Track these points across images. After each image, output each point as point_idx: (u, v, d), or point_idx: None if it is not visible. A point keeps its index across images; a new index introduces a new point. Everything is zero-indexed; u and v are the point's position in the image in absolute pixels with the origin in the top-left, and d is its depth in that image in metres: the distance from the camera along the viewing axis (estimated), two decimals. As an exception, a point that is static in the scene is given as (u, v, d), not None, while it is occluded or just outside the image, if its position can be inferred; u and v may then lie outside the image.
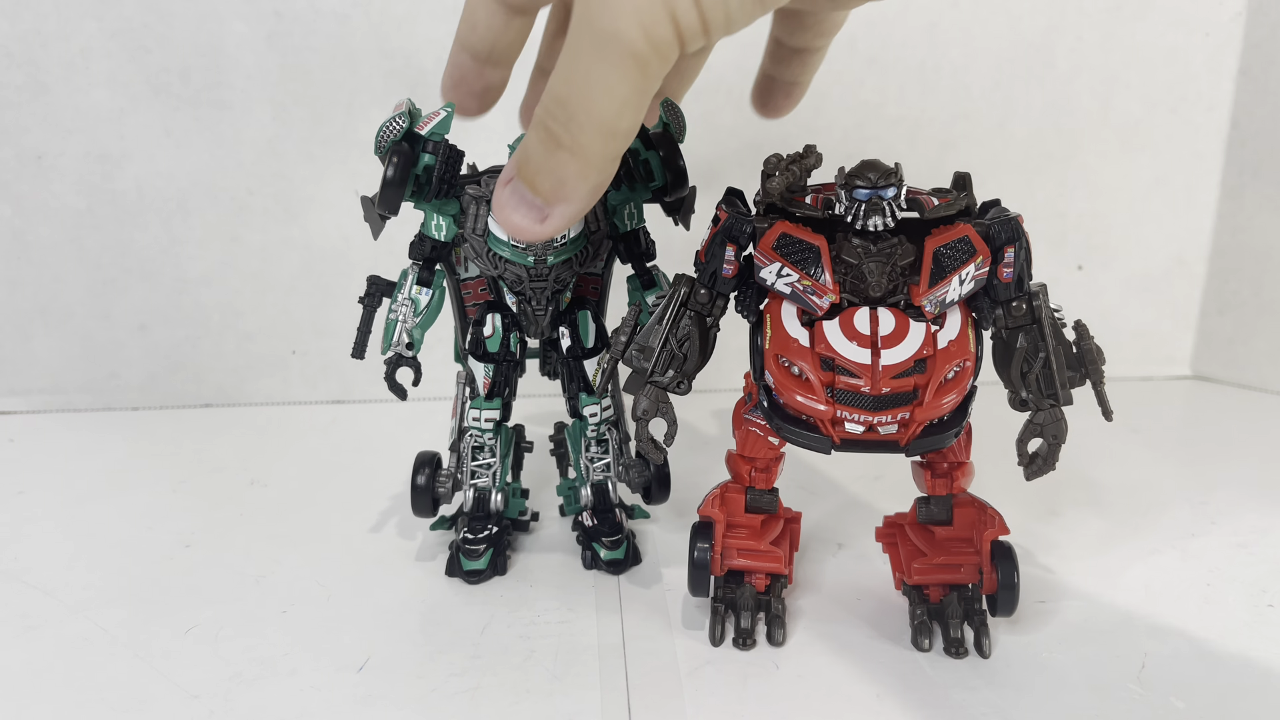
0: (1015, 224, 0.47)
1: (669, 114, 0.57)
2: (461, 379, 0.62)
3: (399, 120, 0.54)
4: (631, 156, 0.56)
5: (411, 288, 0.58)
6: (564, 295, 0.60)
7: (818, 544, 0.64)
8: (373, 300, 0.60)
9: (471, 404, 0.61)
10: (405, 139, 0.54)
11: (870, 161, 0.47)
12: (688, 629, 0.53)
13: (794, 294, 0.47)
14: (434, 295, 0.59)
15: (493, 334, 0.59)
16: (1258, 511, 0.70)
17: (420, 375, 0.59)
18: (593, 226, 0.58)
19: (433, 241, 0.58)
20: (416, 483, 0.61)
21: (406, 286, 0.58)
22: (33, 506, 0.73)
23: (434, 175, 0.55)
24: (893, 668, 0.49)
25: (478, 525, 0.61)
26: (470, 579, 0.59)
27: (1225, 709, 0.46)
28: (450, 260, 0.60)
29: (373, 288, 0.60)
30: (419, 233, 0.58)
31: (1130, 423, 0.89)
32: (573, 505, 0.67)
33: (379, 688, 0.48)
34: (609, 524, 0.62)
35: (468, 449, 0.62)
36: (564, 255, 0.57)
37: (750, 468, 0.54)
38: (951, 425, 0.47)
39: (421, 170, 0.55)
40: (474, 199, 0.57)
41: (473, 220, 0.57)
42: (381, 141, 0.54)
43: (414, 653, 0.51)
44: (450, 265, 0.60)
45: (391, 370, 0.59)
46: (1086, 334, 0.50)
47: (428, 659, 0.50)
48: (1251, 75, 1.05)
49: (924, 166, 0.60)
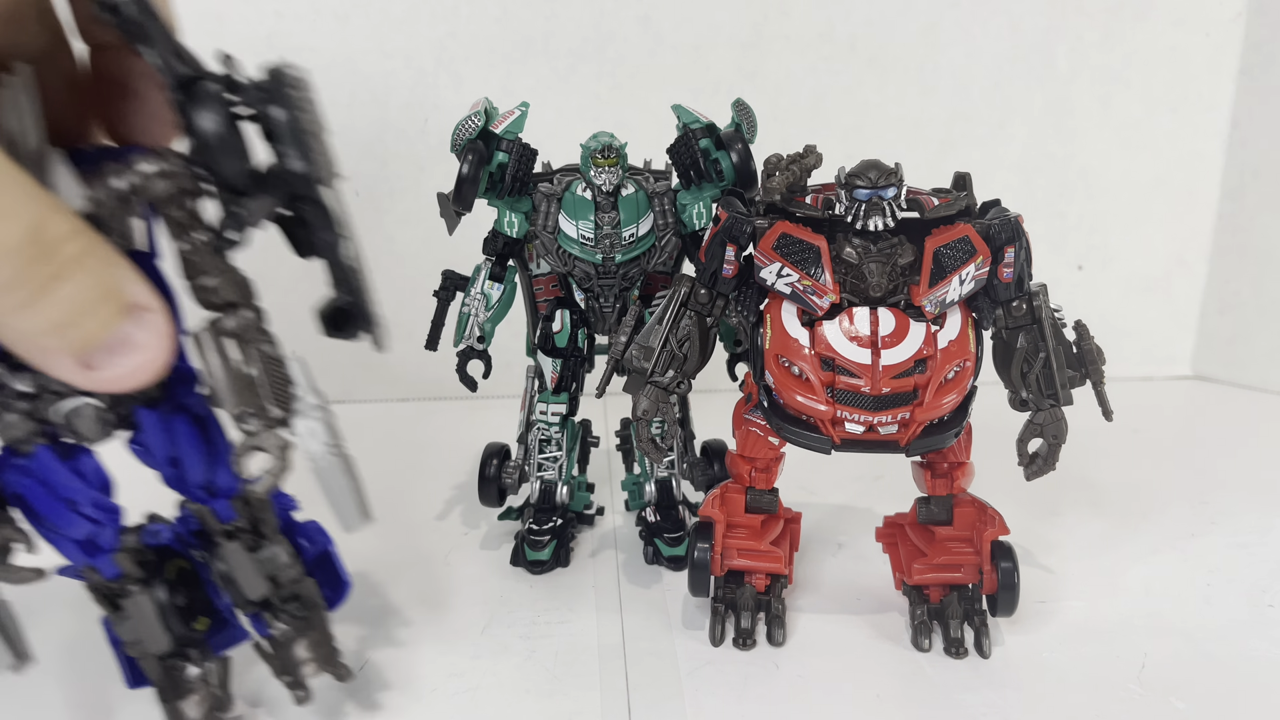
0: (1015, 224, 0.47)
1: (740, 113, 0.57)
2: (531, 373, 0.64)
3: (475, 119, 0.55)
4: (702, 156, 0.56)
5: (484, 282, 0.60)
6: (631, 293, 0.60)
7: (818, 544, 0.64)
8: (447, 294, 0.62)
9: (539, 398, 0.63)
10: (480, 137, 0.55)
11: (870, 161, 0.47)
12: (688, 629, 0.53)
13: (794, 294, 0.47)
14: (505, 290, 0.61)
15: (561, 329, 0.61)
16: (1258, 511, 0.70)
17: (490, 368, 0.61)
18: (661, 224, 0.59)
19: (505, 238, 0.59)
20: (484, 473, 0.63)
21: (479, 281, 0.60)
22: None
23: (507, 173, 0.56)
24: (893, 668, 0.49)
25: (543, 517, 0.62)
26: (534, 569, 0.60)
27: (1225, 709, 0.46)
28: (522, 256, 0.61)
29: (447, 281, 0.62)
30: (492, 229, 0.60)
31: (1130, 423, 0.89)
32: (637, 501, 0.68)
33: (377, 689, 0.48)
34: (672, 520, 0.63)
35: (535, 442, 0.63)
36: (633, 253, 0.58)
37: (750, 468, 0.54)
38: (951, 425, 0.47)
39: (495, 168, 0.56)
40: (545, 196, 0.58)
41: (544, 217, 0.58)
42: (457, 139, 0.55)
43: (414, 653, 0.51)
44: (522, 261, 0.61)
45: (463, 363, 0.61)
46: (1086, 334, 0.50)
47: (428, 659, 0.50)
48: (1251, 75, 1.05)
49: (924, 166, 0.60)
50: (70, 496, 0.38)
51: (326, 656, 0.43)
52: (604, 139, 0.57)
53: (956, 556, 0.53)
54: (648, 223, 0.58)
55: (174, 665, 0.42)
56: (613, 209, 0.57)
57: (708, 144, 0.56)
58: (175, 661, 0.42)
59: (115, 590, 0.41)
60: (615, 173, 0.56)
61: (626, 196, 0.57)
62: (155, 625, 0.41)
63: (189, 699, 0.42)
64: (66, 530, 0.38)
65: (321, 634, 0.43)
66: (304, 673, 0.43)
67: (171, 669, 0.42)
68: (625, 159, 0.57)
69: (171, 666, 0.42)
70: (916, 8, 1.01)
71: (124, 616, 0.41)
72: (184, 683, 0.42)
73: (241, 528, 0.42)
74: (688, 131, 0.57)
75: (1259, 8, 1.03)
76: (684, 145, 0.57)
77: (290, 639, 0.43)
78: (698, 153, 0.56)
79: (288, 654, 0.43)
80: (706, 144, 0.56)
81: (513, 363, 0.65)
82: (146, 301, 0.33)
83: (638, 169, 0.60)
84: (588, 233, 0.57)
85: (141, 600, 0.40)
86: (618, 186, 0.57)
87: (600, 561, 0.63)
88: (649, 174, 0.60)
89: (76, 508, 0.38)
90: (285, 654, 0.43)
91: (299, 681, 0.43)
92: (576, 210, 0.57)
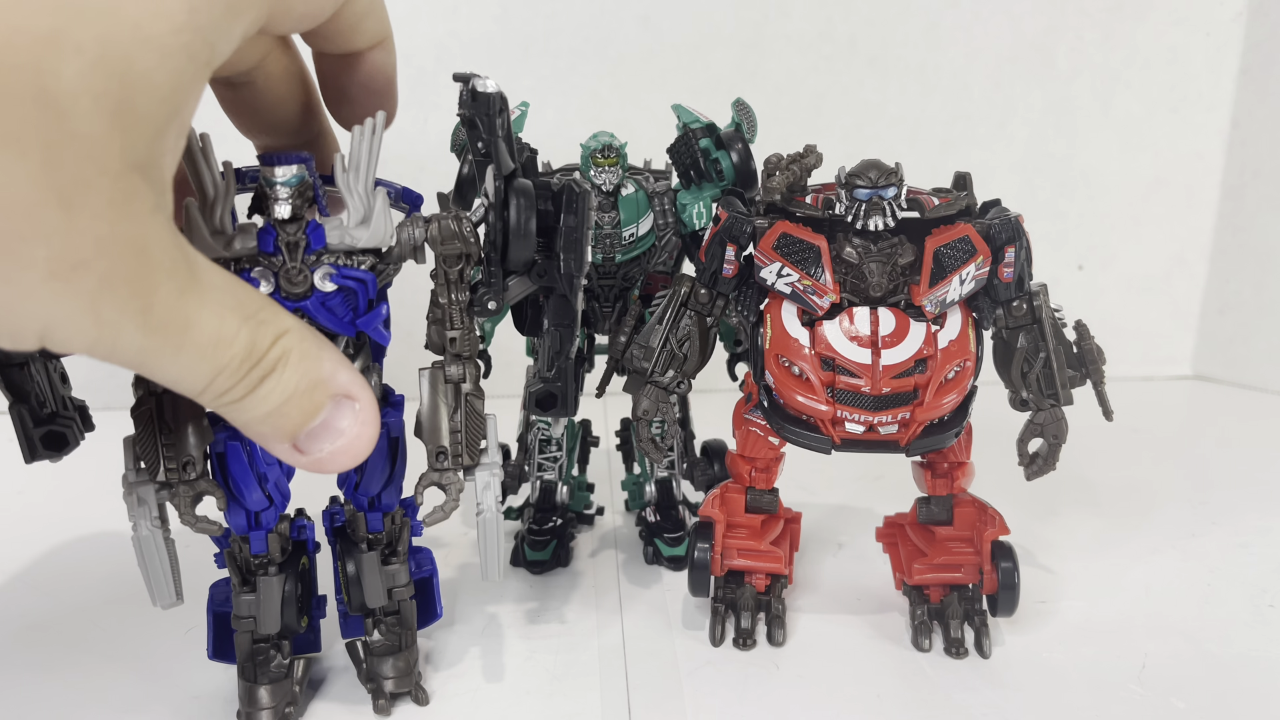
0: (1015, 224, 0.47)
1: (740, 113, 0.57)
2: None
3: None
4: (702, 156, 0.56)
5: None
6: (631, 293, 0.60)
7: (818, 544, 0.64)
8: None
9: None
10: None
11: (871, 161, 0.47)
12: (688, 629, 0.53)
13: (794, 294, 0.47)
14: None
15: None
16: (1258, 511, 0.70)
17: (490, 368, 0.60)
18: (661, 224, 0.59)
19: None
20: None
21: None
22: (33, 506, 0.73)
23: None
24: (893, 668, 0.49)
25: (543, 517, 0.62)
26: (534, 569, 0.60)
27: (1225, 709, 0.46)
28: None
29: None
30: None
31: (1130, 423, 0.89)
32: (637, 501, 0.68)
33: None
34: (672, 520, 0.63)
35: (534, 442, 0.63)
36: (633, 253, 0.58)
37: (750, 468, 0.54)
38: (952, 425, 0.47)
39: None
40: None
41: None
42: (458, 139, 0.55)
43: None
44: None
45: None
46: (1087, 334, 0.50)
47: (428, 659, 0.50)
48: (1251, 75, 1.05)
49: (924, 166, 0.60)
50: (264, 471, 0.42)
51: (405, 681, 0.46)
52: (604, 139, 0.57)
53: (957, 556, 0.53)
54: (648, 222, 0.58)
55: (261, 650, 0.45)
56: (613, 209, 0.57)
57: (708, 144, 0.56)
58: (263, 647, 0.45)
59: (256, 565, 0.44)
60: (615, 172, 0.56)
61: (626, 196, 0.57)
62: (276, 607, 0.44)
63: (265, 685, 0.45)
64: (247, 499, 0.42)
65: (409, 655, 0.47)
66: (386, 686, 0.46)
67: (257, 653, 0.45)
68: (625, 159, 0.57)
69: (258, 651, 0.45)
70: (916, 8, 1.01)
71: (249, 591, 0.44)
72: (265, 669, 0.45)
73: (380, 541, 0.46)
74: (688, 131, 0.57)
75: (1259, 8, 1.04)
76: (684, 145, 0.57)
77: (383, 651, 0.46)
78: (698, 152, 0.56)
79: (376, 664, 0.46)
80: (706, 144, 0.56)
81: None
82: (353, 391, 0.37)
83: (638, 169, 0.60)
84: None
85: (274, 582, 0.44)
86: (618, 186, 0.57)
87: (600, 561, 0.63)
88: (649, 174, 0.60)
89: (264, 482, 0.42)
90: (374, 663, 0.46)
91: (381, 690, 0.46)
92: None
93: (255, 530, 0.43)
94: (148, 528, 0.41)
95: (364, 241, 0.40)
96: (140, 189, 0.29)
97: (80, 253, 0.27)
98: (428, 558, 0.49)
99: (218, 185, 0.38)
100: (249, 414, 0.35)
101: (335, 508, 0.47)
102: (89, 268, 0.28)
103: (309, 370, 0.35)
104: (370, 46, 0.41)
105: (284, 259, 0.39)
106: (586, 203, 0.44)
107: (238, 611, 0.44)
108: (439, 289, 0.43)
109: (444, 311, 0.43)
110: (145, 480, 0.41)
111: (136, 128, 0.28)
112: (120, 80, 0.27)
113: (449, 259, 0.42)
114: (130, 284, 0.29)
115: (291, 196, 0.39)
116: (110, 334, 0.29)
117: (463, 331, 0.43)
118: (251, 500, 0.42)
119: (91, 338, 0.29)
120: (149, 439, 0.40)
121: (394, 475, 0.45)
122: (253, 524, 0.43)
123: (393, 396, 0.45)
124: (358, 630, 0.48)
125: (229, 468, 0.41)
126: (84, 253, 0.27)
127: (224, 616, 0.46)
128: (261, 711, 0.44)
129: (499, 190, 0.42)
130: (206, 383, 0.33)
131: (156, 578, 0.42)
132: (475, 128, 0.41)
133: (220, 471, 0.41)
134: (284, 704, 0.45)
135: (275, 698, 0.44)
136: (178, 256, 0.31)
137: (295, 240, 0.40)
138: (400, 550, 0.46)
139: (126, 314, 0.29)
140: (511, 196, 0.42)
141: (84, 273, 0.28)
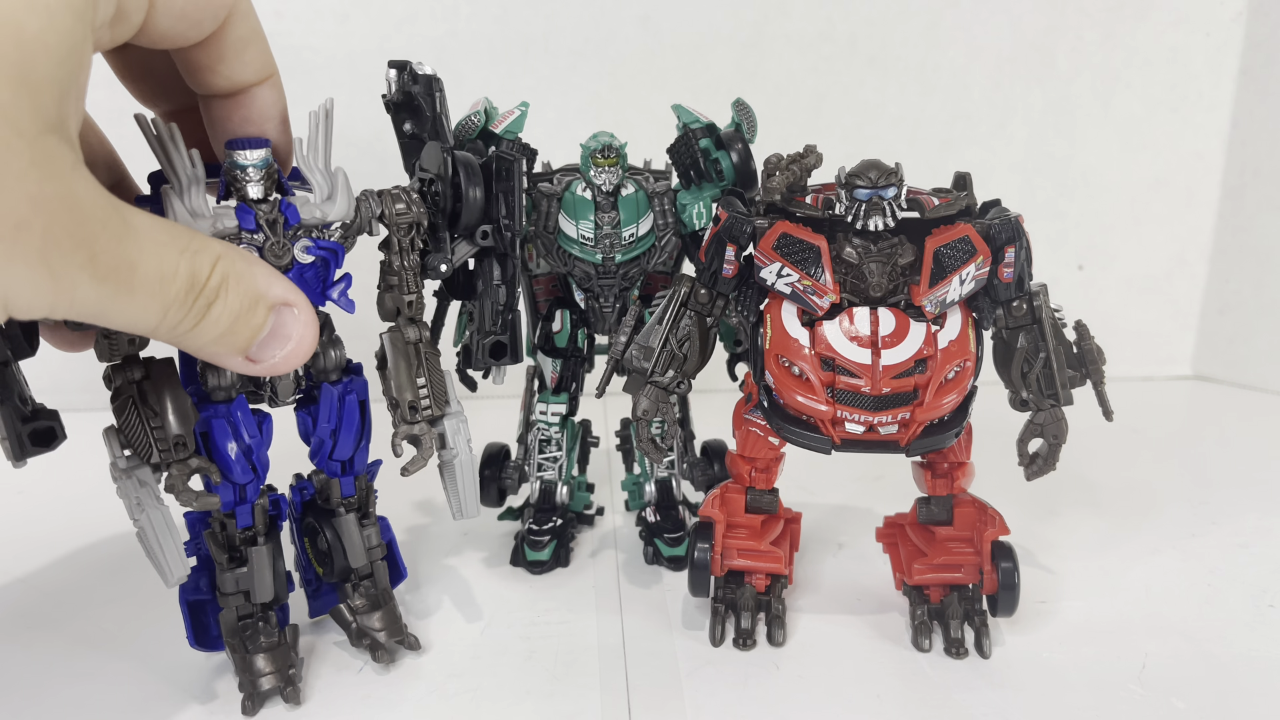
0: (1015, 224, 0.47)
1: (740, 113, 0.57)
2: (531, 373, 0.64)
3: (475, 118, 0.55)
4: (702, 156, 0.56)
5: None
6: (631, 293, 0.60)
7: (818, 544, 0.64)
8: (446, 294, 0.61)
9: (539, 398, 0.63)
10: (480, 136, 0.55)
11: (871, 161, 0.47)
12: (688, 629, 0.53)
13: (794, 294, 0.47)
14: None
15: (561, 329, 0.61)
16: (1258, 511, 0.70)
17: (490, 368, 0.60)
18: (661, 224, 0.59)
19: None
20: (484, 473, 0.63)
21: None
22: (33, 506, 0.73)
23: None
24: (893, 668, 0.49)
25: (543, 517, 0.62)
26: (534, 569, 0.60)
27: (1225, 709, 0.46)
28: (522, 256, 0.60)
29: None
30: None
31: (1130, 423, 0.89)
32: (637, 501, 0.68)
33: (378, 688, 0.48)
34: (672, 521, 0.63)
35: (534, 442, 0.63)
36: (632, 253, 0.58)
37: (750, 468, 0.54)
38: (952, 425, 0.47)
39: None
40: (545, 196, 0.58)
41: (543, 217, 0.58)
42: (457, 139, 0.55)
43: (414, 653, 0.51)
44: (522, 261, 0.61)
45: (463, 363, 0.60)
46: (1087, 334, 0.50)
47: (428, 659, 0.50)
48: (1251, 75, 1.05)
49: (924, 166, 0.60)
50: (250, 444, 0.44)
51: (395, 629, 0.50)
52: (604, 139, 0.57)
53: (957, 556, 0.53)
54: (647, 223, 0.58)
55: (248, 625, 0.47)
56: (612, 209, 0.57)
57: (708, 144, 0.56)
58: (250, 622, 0.47)
59: (242, 540, 0.46)
60: (615, 172, 0.56)
61: (626, 196, 0.57)
62: (267, 576, 0.46)
63: (260, 654, 0.46)
64: (234, 472, 0.44)
65: (391, 610, 0.50)
66: (379, 639, 0.49)
67: (245, 627, 0.47)
68: (625, 159, 0.57)
69: (245, 625, 0.47)
70: (916, 7, 1.01)
71: (236, 566, 0.46)
72: (255, 640, 0.47)
73: (354, 504, 0.49)
74: (688, 131, 0.57)
75: (1259, 8, 1.04)
76: (684, 145, 0.57)
77: (366, 611, 0.50)
78: (698, 152, 0.56)
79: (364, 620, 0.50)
80: (706, 144, 0.56)
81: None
82: (290, 298, 0.40)
83: (638, 169, 0.60)
84: (587, 233, 0.57)
85: (264, 551, 0.46)
86: (617, 186, 0.57)
87: (600, 561, 0.63)
88: (649, 174, 0.60)
89: (250, 455, 0.44)
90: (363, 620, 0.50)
91: (377, 643, 0.49)
92: (576, 210, 0.57)
93: (241, 504, 0.45)
94: (154, 506, 0.42)
95: (333, 214, 0.44)
96: (58, 147, 0.30)
97: (18, 213, 0.28)
98: (384, 524, 0.52)
99: (189, 170, 0.40)
100: (202, 339, 0.37)
101: (304, 482, 0.50)
102: (30, 226, 0.29)
103: (248, 288, 0.38)
104: (257, 81, 0.42)
105: (266, 235, 0.42)
106: (518, 168, 0.49)
107: (224, 589, 0.46)
108: (392, 256, 0.47)
109: (399, 278, 0.47)
110: (139, 464, 0.42)
111: (42, 90, 0.29)
112: (15, 44, 0.28)
113: (401, 227, 0.46)
114: (72, 236, 0.30)
115: (262, 178, 0.42)
116: (67, 287, 0.31)
117: (417, 295, 0.48)
118: (238, 473, 0.44)
119: (50, 294, 0.30)
120: (136, 425, 0.42)
121: (365, 438, 0.49)
122: (238, 498, 0.45)
123: (352, 364, 0.49)
124: (327, 606, 0.51)
125: (215, 443, 0.43)
126: (21, 212, 0.28)
127: (197, 604, 0.48)
128: (262, 677, 0.46)
129: (446, 163, 0.47)
130: (159, 319, 0.34)
131: (169, 556, 0.43)
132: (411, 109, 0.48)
133: (206, 449, 0.43)
134: (285, 667, 0.46)
135: (273, 663, 0.46)
136: (106, 205, 0.32)
137: (274, 218, 0.42)
138: (371, 513, 0.50)
139: (75, 264, 0.30)
140: (459, 168, 0.47)
141: (27, 232, 0.29)
